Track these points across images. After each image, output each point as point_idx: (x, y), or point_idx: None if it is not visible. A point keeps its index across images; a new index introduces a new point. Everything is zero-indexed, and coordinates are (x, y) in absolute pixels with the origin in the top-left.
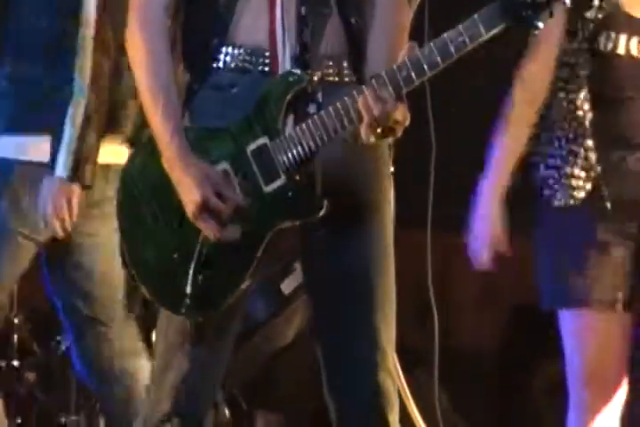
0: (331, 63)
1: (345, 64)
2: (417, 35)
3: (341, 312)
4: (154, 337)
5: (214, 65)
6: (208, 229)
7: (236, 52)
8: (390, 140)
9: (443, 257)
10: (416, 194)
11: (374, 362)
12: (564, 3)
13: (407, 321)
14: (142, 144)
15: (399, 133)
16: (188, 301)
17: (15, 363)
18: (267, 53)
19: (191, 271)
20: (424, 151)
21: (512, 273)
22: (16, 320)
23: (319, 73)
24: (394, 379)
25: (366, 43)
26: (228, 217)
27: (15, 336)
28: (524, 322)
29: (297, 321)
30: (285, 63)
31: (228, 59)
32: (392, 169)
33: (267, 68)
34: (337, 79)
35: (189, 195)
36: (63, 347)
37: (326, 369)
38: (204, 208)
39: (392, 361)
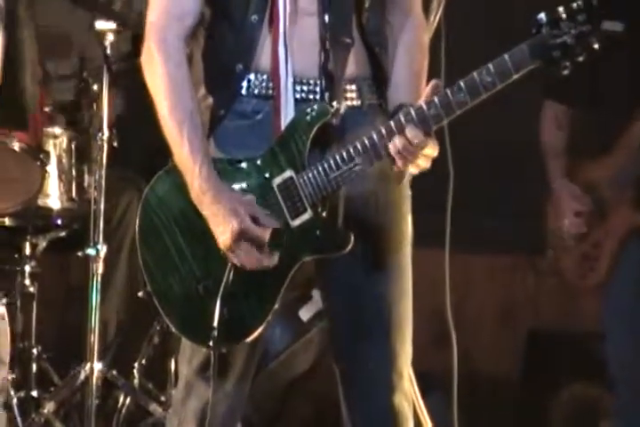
0: (353, 87)
1: (366, 87)
2: (433, 57)
3: (359, 335)
4: (172, 364)
5: (239, 91)
6: (247, 259)
7: (259, 78)
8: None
9: (461, 279)
10: (434, 213)
11: (390, 384)
12: (593, 46)
13: (425, 344)
14: (163, 172)
15: (429, 165)
16: (214, 334)
17: (34, 393)
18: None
19: (218, 304)
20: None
21: (530, 297)
22: (35, 350)
23: (342, 102)
24: (410, 401)
25: (388, 67)
26: (266, 242)
27: (34, 366)
28: (543, 346)
29: (315, 348)
30: (287, 88)
31: (251, 85)
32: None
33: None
34: (359, 103)
35: (225, 225)
36: (82, 377)
37: (343, 391)
38: (242, 236)
39: (409, 384)
